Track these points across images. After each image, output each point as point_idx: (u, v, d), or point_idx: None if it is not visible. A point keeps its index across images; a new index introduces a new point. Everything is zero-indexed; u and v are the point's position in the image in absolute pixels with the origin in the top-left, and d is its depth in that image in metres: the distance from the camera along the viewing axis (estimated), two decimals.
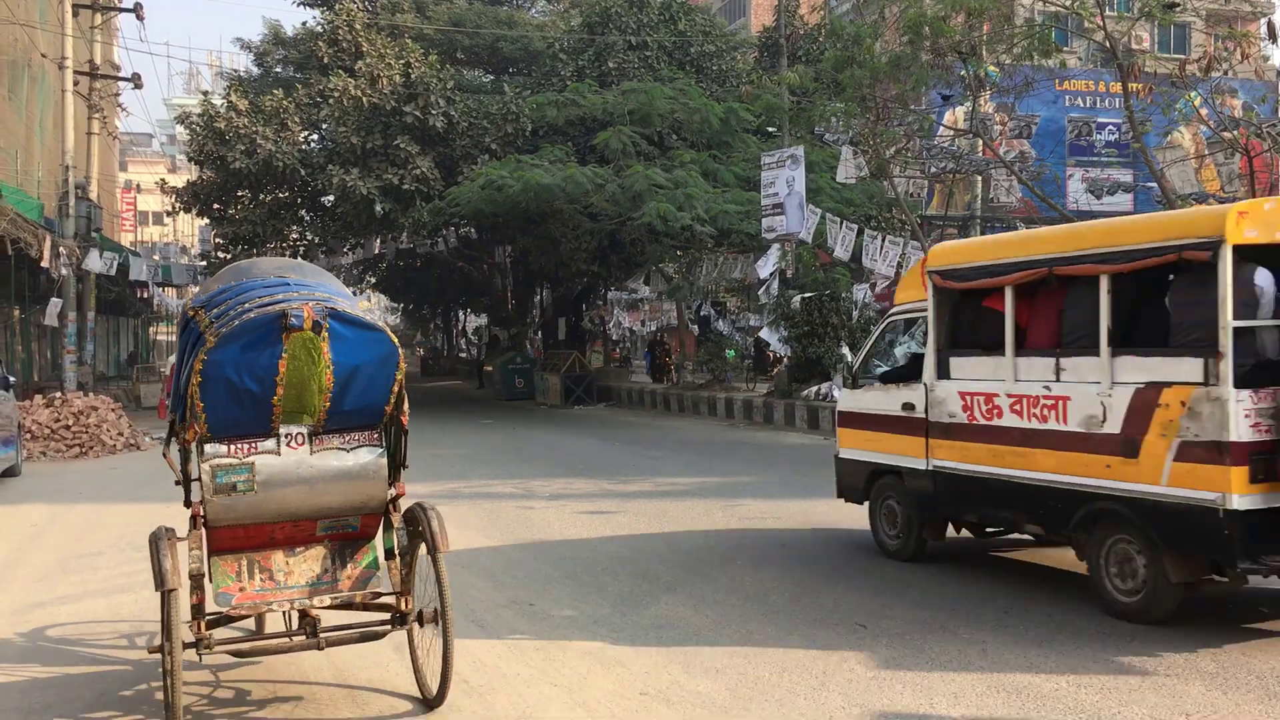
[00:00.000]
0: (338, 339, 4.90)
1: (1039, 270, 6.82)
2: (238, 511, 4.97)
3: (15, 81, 28.07)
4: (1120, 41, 16.28)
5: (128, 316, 44.10)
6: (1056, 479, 6.66)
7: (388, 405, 5.18)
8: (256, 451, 4.98)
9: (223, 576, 5.09)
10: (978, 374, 7.33)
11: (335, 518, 5.20)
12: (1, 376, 14.53)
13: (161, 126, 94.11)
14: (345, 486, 5.13)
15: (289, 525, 5.14)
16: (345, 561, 5.29)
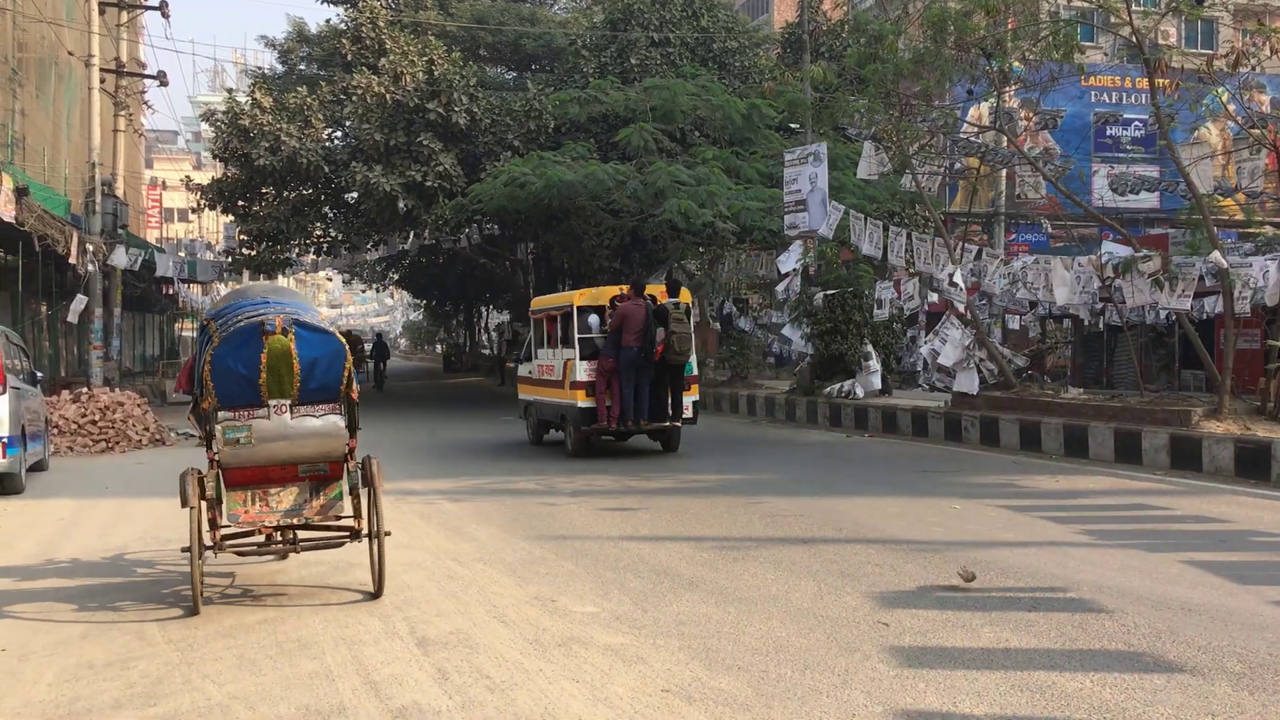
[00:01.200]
0: (301, 340, 7.04)
1: (551, 312, 16.49)
2: (241, 458, 7.10)
3: (43, 79, 28.31)
4: (1147, 36, 16.15)
5: (153, 313, 44.42)
6: (554, 400, 16.06)
7: (341, 386, 7.22)
8: (253, 417, 7.07)
9: (233, 503, 7.22)
10: (539, 357, 16.78)
11: (310, 463, 7.33)
12: (29, 372, 14.65)
13: (187, 124, 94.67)
14: (316, 442, 7.21)
15: (278, 468, 7.28)
16: (318, 494, 7.42)
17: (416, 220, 27.83)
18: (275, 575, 8.12)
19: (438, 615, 6.72)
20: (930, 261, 18.20)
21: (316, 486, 7.43)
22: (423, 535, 9.58)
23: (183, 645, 6.15)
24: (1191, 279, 14.44)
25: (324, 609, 6.92)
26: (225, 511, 7.15)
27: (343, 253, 34.34)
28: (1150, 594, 6.83)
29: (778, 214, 22.45)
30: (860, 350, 20.74)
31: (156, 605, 7.18)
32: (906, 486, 11.92)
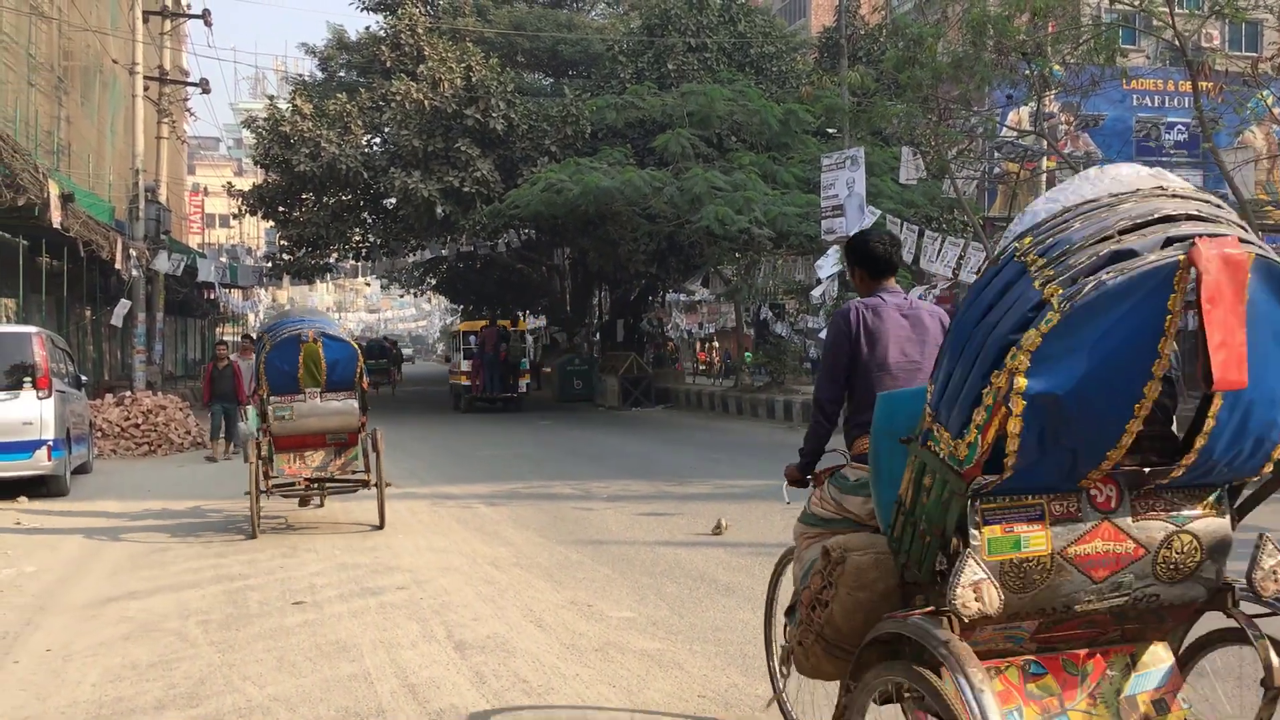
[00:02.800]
0: (327, 346, 10.17)
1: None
2: (285, 429, 10.16)
3: (87, 87, 28.72)
4: (1190, 39, 15.98)
5: (195, 317, 44.89)
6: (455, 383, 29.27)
7: (355, 378, 10.33)
8: (294, 400, 10.17)
9: (280, 461, 10.29)
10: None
11: (334, 433, 10.37)
12: (74, 376, 14.85)
13: (228, 130, 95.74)
14: (338, 418, 10.29)
15: (311, 437, 10.33)
16: (339, 456, 10.50)
17: (454, 225, 28.00)
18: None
19: (475, 619, 6.74)
20: (958, 265, 18.09)
21: (339, 450, 10.52)
22: (460, 539, 9.62)
23: (224, 647, 6.21)
24: None
25: (363, 613, 6.96)
26: (275, 467, 10.22)
27: (381, 258, 34.60)
28: None
29: (814, 219, 22.38)
30: None
31: (200, 614, 7.25)
32: None
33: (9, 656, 6.15)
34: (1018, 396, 2.62)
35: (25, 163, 16.61)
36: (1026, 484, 2.80)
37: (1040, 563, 2.84)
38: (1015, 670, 3.01)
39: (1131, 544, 2.90)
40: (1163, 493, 2.94)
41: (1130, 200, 2.73)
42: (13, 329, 14.07)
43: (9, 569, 8.62)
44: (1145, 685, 3.12)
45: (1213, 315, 2.53)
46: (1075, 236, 2.68)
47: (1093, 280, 2.56)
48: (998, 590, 2.76)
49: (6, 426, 12.29)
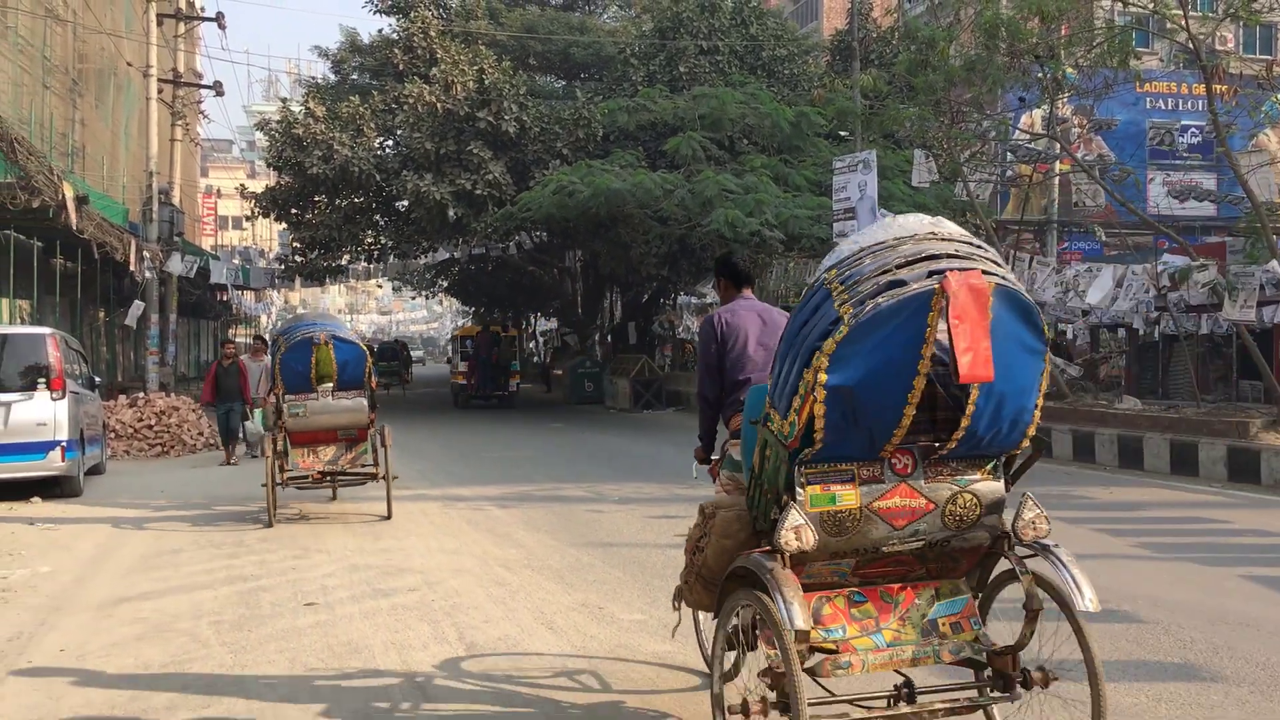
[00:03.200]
0: (337, 348, 10.78)
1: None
2: (299, 425, 10.79)
3: (102, 90, 28.86)
4: (1204, 42, 15.92)
5: (208, 319, 45.07)
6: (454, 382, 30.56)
7: (364, 378, 10.95)
8: (307, 399, 10.77)
9: (295, 455, 10.92)
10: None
11: (345, 429, 10.97)
12: (88, 377, 14.92)
13: (241, 133, 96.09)
14: (348, 415, 10.90)
15: (324, 432, 10.95)
16: (350, 450, 11.10)
17: (466, 228, 28.04)
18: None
19: (486, 621, 6.75)
20: None
21: (349, 445, 11.15)
22: (471, 541, 9.63)
23: (236, 648, 6.23)
24: (1252, 289, 14.19)
25: (374, 614, 6.98)
26: (290, 460, 10.88)
27: (393, 260, 34.67)
28: (1207, 608, 6.72)
29: (826, 222, 22.36)
30: None
31: (213, 615, 7.27)
32: None
33: (23, 656, 6.18)
34: (820, 388, 3.57)
35: (40, 165, 16.70)
36: (839, 454, 3.75)
37: (851, 514, 3.78)
38: (842, 598, 3.99)
39: (924, 500, 3.85)
40: (948, 461, 3.88)
41: (908, 243, 3.65)
42: (27, 330, 14.14)
43: (23, 569, 8.66)
44: (945, 612, 4.09)
45: (960, 328, 3.46)
46: (865, 270, 3.61)
47: (872, 303, 3.51)
48: (813, 533, 3.69)
49: (21, 427, 12.36)
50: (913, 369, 3.57)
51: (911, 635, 4.01)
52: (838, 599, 3.98)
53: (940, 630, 4.06)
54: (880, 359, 3.59)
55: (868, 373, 3.59)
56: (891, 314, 3.53)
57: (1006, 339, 3.66)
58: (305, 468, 10.95)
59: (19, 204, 16.06)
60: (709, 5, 30.65)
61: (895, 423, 3.67)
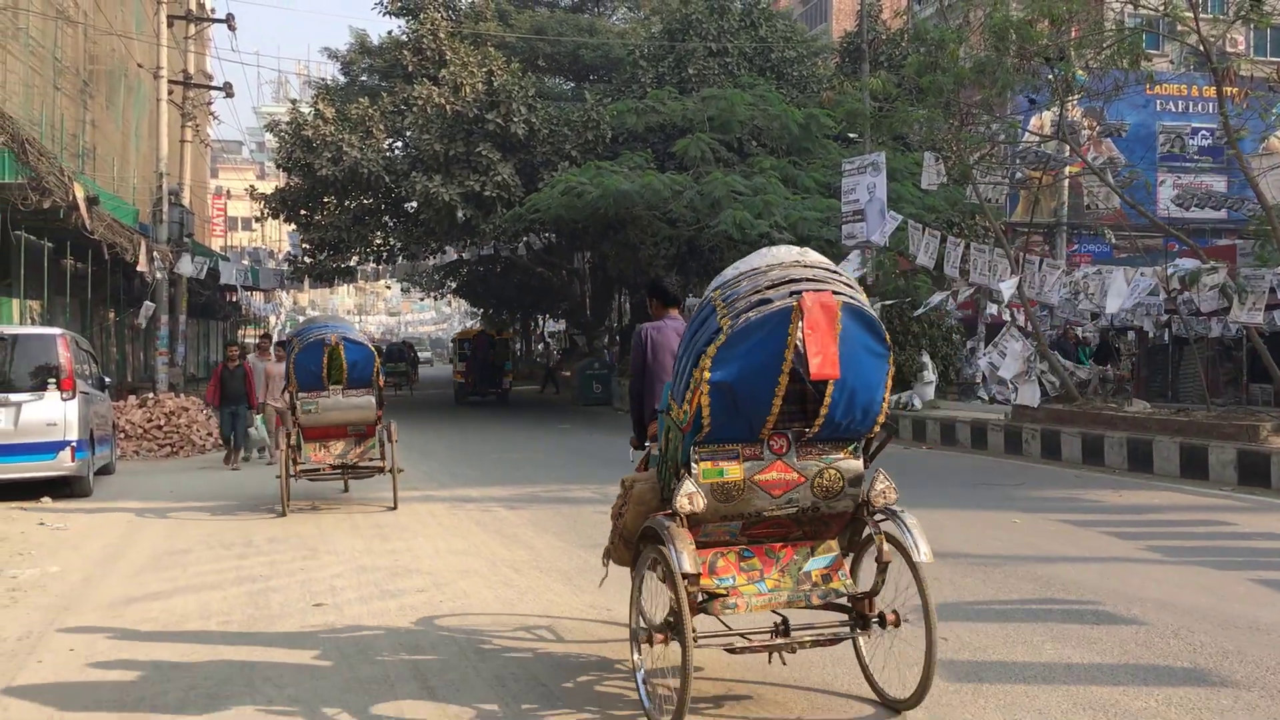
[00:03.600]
0: (348, 349, 11.58)
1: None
2: (312, 421, 11.61)
3: (112, 91, 28.94)
4: (1214, 44, 15.87)
5: (217, 319, 45.16)
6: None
7: (372, 377, 11.74)
8: (319, 396, 11.54)
9: (308, 450, 11.73)
10: None
11: (355, 425, 11.78)
12: (98, 377, 14.96)
13: (251, 134, 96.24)
14: (357, 412, 11.72)
15: (334, 428, 11.75)
16: (359, 445, 11.90)
17: (475, 229, 28.07)
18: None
19: (493, 623, 6.75)
20: (987, 273, 17.97)
21: (358, 440, 11.93)
22: (480, 542, 9.64)
23: (245, 647, 6.24)
24: (1262, 292, 14.13)
25: (383, 615, 6.99)
26: (303, 454, 11.67)
27: (402, 261, 34.73)
28: (1217, 612, 6.69)
29: (835, 224, 22.33)
30: (917, 361, 20.57)
31: (222, 615, 7.28)
32: (965, 499, 11.78)
33: (33, 656, 6.19)
34: (705, 383, 4.54)
35: (51, 166, 16.75)
36: (725, 437, 4.69)
37: (736, 485, 4.71)
38: (733, 554, 4.91)
39: (796, 475, 4.79)
40: (816, 443, 4.84)
41: (777, 269, 4.65)
42: (38, 331, 14.19)
43: (33, 569, 8.69)
44: (817, 565, 4.99)
45: (812, 337, 4.44)
46: (741, 290, 4.61)
47: (744, 317, 4.51)
48: (703, 499, 4.64)
49: (31, 427, 12.41)
50: (778, 368, 4.53)
51: (789, 584, 4.91)
52: (730, 554, 4.92)
53: (813, 580, 4.96)
54: (752, 360, 4.55)
55: (743, 371, 4.55)
56: (760, 325, 4.52)
57: (854, 345, 4.63)
58: (317, 460, 11.74)
59: (30, 205, 16.11)
60: (718, 7, 30.65)
61: (767, 411, 4.62)
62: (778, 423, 4.73)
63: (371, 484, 12.65)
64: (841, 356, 4.56)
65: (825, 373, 4.53)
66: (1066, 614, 6.71)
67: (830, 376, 4.56)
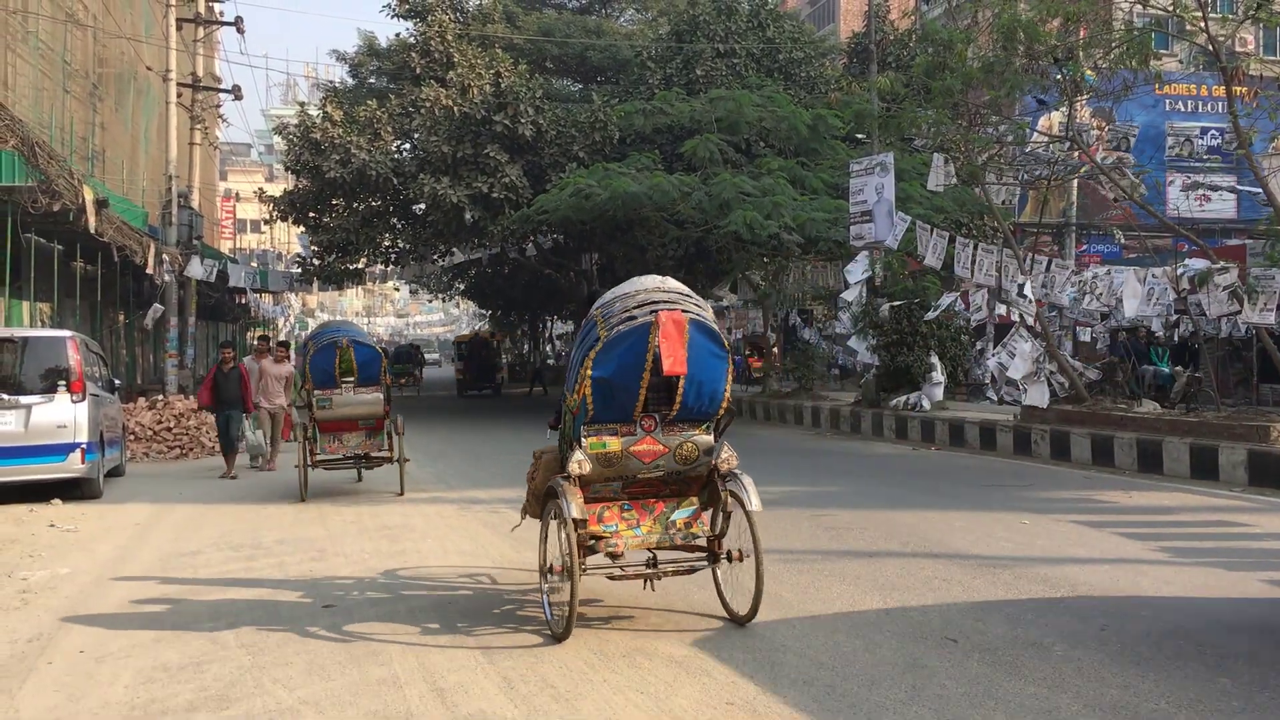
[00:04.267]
0: (357, 350, 12.87)
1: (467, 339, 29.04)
2: (326, 415, 12.77)
3: (122, 94, 29.03)
4: (1224, 44, 15.82)
5: (226, 321, 45.26)
6: None
7: (380, 375, 12.96)
8: (333, 393, 12.72)
9: (324, 442, 12.89)
10: None
11: (365, 419, 13.00)
12: (107, 380, 15.00)
13: (260, 136, 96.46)
14: (367, 407, 12.90)
15: (347, 422, 12.93)
16: (371, 437, 13.10)
17: (483, 231, 28.10)
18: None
19: (502, 626, 6.76)
20: (995, 273, 17.93)
21: (369, 433, 13.17)
22: (488, 544, 9.64)
23: (254, 649, 6.26)
24: (1273, 292, 14.07)
25: (392, 617, 6.99)
26: (319, 446, 12.87)
27: (410, 263, 34.77)
28: (1228, 614, 6.67)
29: (843, 225, 22.31)
30: (926, 362, 20.54)
31: (230, 616, 7.30)
32: (974, 500, 11.75)
33: (43, 657, 6.21)
34: (587, 378, 6.07)
35: (61, 169, 16.81)
36: (606, 419, 6.23)
37: (616, 454, 6.27)
38: (616, 507, 6.51)
39: (661, 446, 6.33)
40: (677, 423, 6.36)
41: (642, 294, 6.18)
42: (48, 333, 14.23)
43: (43, 570, 8.71)
44: (681, 515, 6.61)
45: (665, 344, 5.94)
46: (615, 310, 6.15)
47: (616, 329, 6.03)
48: (589, 464, 6.16)
49: (41, 429, 12.45)
50: (642, 367, 6.08)
51: (659, 529, 6.56)
52: (614, 508, 6.54)
53: (678, 526, 6.61)
54: (623, 361, 6.11)
55: (616, 369, 6.11)
56: (628, 335, 6.08)
57: (700, 350, 6.19)
58: (332, 451, 12.99)
59: (40, 208, 16.17)
60: (726, 8, 30.64)
61: (636, 399, 6.22)
62: (645, 407, 6.29)
63: (381, 497, 13.06)
64: (690, 358, 6.12)
65: (675, 370, 6.09)
66: (1076, 615, 6.69)
67: (679, 374, 6.12)
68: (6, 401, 12.42)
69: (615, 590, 7.30)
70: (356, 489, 13.71)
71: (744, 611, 6.49)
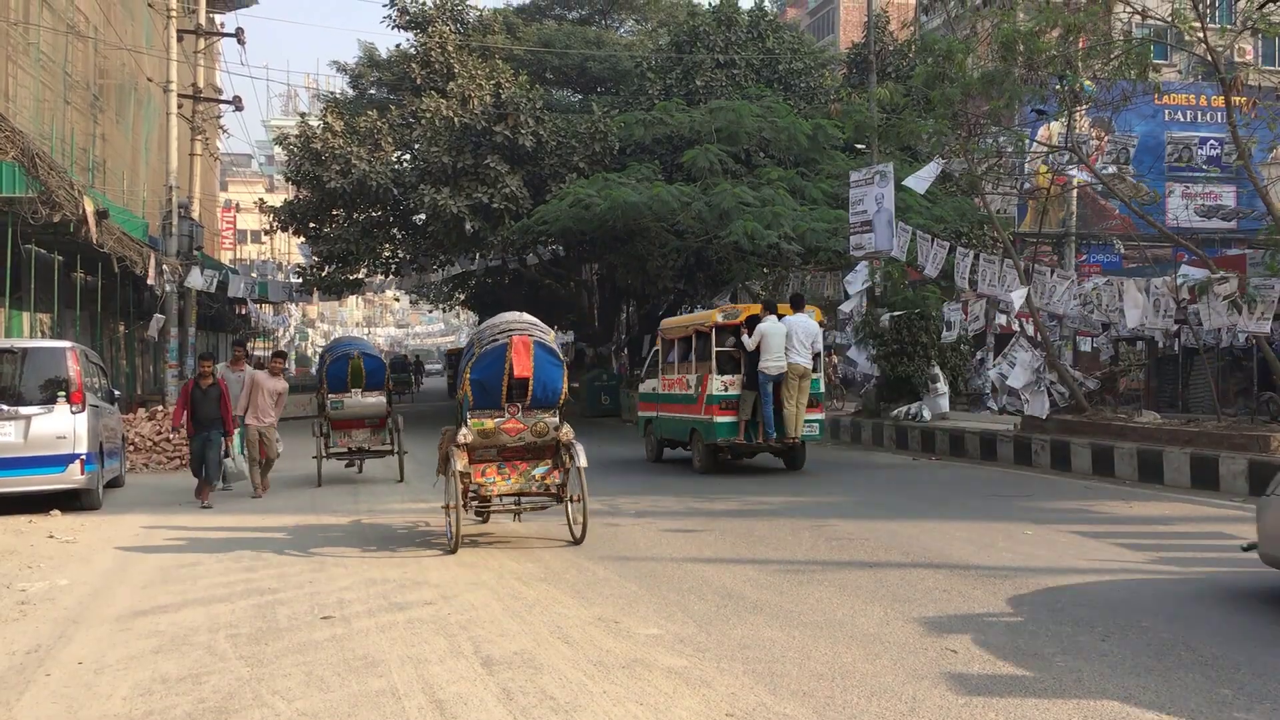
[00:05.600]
0: (365, 360, 15.92)
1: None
2: (339, 415, 15.82)
3: (122, 105, 29.09)
4: (1222, 54, 15.84)
5: (226, 331, 45.29)
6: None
7: (384, 382, 16.06)
8: (345, 396, 15.74)
9: (334, 437, 15.84)
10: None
11: (370, 418, 15.93)
12: (107, 390, 15.00)
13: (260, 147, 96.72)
14: (374, 408, 15.92)
15: (356, 421, 15.88)
16: (376, 434, 15.99)
17: (483, 241, 28.11)
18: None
19: (502, 635, 6.74)
20: (995, 283, 17.93)
21: (374, 430, 16.05)
22: (487, 554, 9.63)
23: (253, 661, 6.24)
24: (1271, 301, 14.07)
25: (390, 627, 6.98)
26: (331, 441, 15.80)
27: (410, 273, 34.79)
28: (1229, 624, 6.65)
29: (843, 234, 22.31)
30: (927, 372, 20.53)
31: (229, 628, 7.28)
32: (975, 510, 11.74)
33: (41, 669, 6.20)
34: (467, 380, 9.66)
35: (61, 180, 16.83)
36: (483, 406, 9.66)
37: (491, 430, 9.63)
38: (494, 466, 9.85)
39: (522, 425, 9.68)
40: (532, 408, 9.72)
41: (504, 324, 9.76)
42: (47, 344, 14.23)
43: (42, 582, 8.70)
44: (539, 471, 9.94)
45: (516, 357, 9.48)
46: (485, 334, 9.80)
47: (485, 346, 9.62)
48: (473, 436, 9.57)
49: (41, 440, 12.45)
50: (502, 372, 9.42)
51: (522, 481, 9.85)
52: (492, 466, 9.80)
53: (537, 479, 9.89)
54: (491, 368, 9.45)
55: (485, 373, 9.47)
56: (492, 351, 9.44)
57: (543, 361, 9.53)
58: (343, 445, 16.01)
59: (40, 218, 16.19)
60: (725, 19, 30.71)
61: (500, 393, 9.53)
62: (510, 399, 9.64)
63: (381, 503, 13.13)
64: (535, 366, 9.53)
65: (523, 374, 9.52)
66: (1077, 626, 6.68)
67: (526, 377, 9.54)
68: (6, 412, 12.42)
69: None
70: (357, 493, 13.73)
71: (579, 536, 9.91)
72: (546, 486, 9.84)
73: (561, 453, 9.84)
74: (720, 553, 9.46)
